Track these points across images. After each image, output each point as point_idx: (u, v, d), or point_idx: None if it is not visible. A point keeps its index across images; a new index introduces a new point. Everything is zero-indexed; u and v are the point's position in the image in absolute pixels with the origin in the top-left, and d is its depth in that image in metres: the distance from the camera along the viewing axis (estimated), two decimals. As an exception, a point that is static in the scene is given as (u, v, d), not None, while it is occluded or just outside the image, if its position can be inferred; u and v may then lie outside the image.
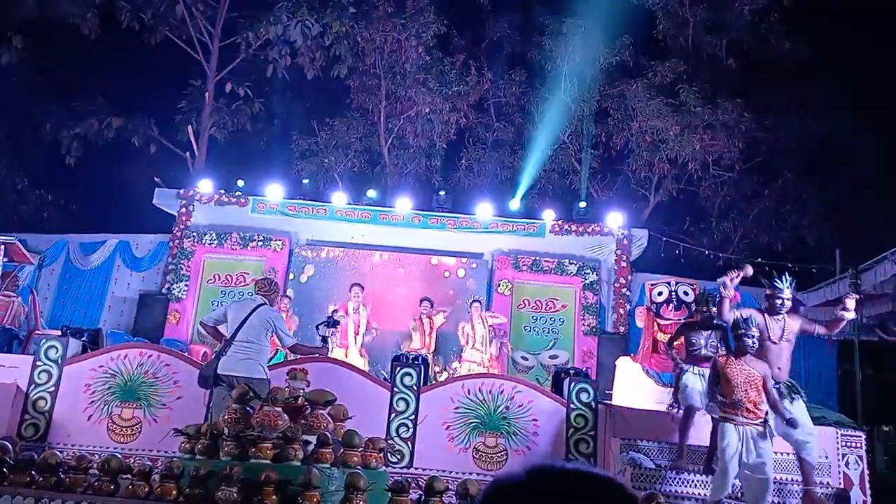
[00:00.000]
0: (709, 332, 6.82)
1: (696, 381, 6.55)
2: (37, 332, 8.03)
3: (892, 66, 13.40)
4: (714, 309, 6.81)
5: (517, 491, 0.96)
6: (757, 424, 5.59)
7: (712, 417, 6.19)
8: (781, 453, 6.43)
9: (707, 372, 6.24)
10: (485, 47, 16.80)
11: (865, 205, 14.11)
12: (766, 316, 6.08)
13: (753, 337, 5.72)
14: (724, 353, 6.22)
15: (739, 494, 5.96)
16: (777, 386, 5.93)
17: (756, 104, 14.24)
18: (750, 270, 6.20)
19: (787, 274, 6.24)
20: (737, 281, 6.07)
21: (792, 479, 6.34)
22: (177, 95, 15.97)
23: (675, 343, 7.11)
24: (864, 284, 9.29)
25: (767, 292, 6.25)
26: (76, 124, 15.36)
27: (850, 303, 5.97)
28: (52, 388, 6.84)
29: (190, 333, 11.57)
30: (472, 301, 10.72)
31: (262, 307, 6.37)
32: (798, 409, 5.98)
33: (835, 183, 14.58)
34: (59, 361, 6.92)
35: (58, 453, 5.08)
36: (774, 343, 6.03)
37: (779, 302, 6.07)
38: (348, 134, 15.73)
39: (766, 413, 5.65)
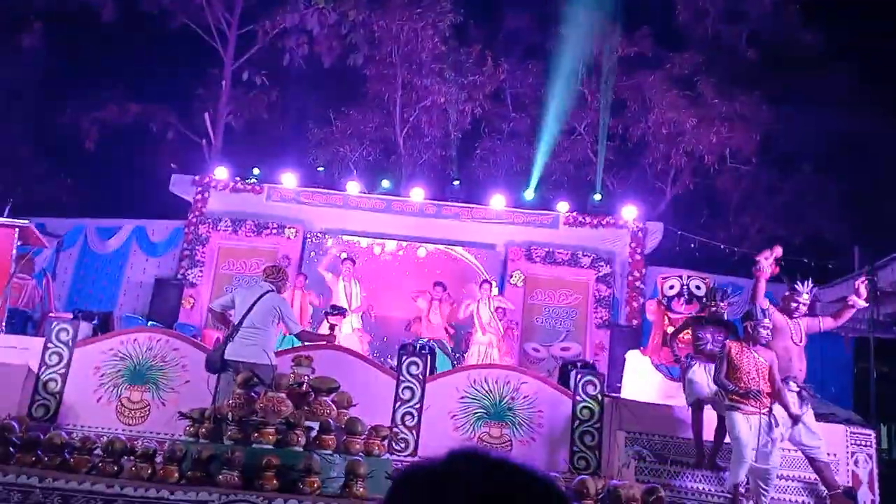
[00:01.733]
0: (715, 328, 6.73)
1: (702, 374, 6.49)
2: (50, 314, 8.13)
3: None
4: (723, 304, 6.74)
5: (433, 476, 0.93)
6: (764, 413, 5.54)
7: (717, 412, 6.15)
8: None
9: (712, 367, 6.17)
10: (502, 37, 16.69)
11: (886, 201, 13.87)
12: (787, 317, 6.00)
13: (768, 329, 5.67)
14: (736, 340, 6.13)
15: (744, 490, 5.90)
16: (802, 387, 5.85)
17: (775, 96, 14.05)
18: (780, 251, 6.12)
19: (810, 279, 6.13)
20: (771, 259, 6.00)
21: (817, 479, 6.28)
22: (194, 83, 16.07)
23: (681, 336, 7.05)
24: (880, 282, 9.12)
25: (786, 293, 6.15)
26: (95, 109, 15.51)
27: (862, 289, 5.88)
28: (63, 370, 6.92)
29: (203, 319, 11.65)
30: (482, 281, 10.65)
31: (269, 293, 6.39)
32: (808, 414, 5.90)
33: (855, 178, 14.35)
34: (70, 344, 7.00)
35: (63, 434, 5.15)
36: (797, 344, 5.95)
37: (794, 305, 6.00)
38: (364, 123, 15.74)
39: (772, 402, 5.60)
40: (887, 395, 12.26)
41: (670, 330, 8.17)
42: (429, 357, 7.35)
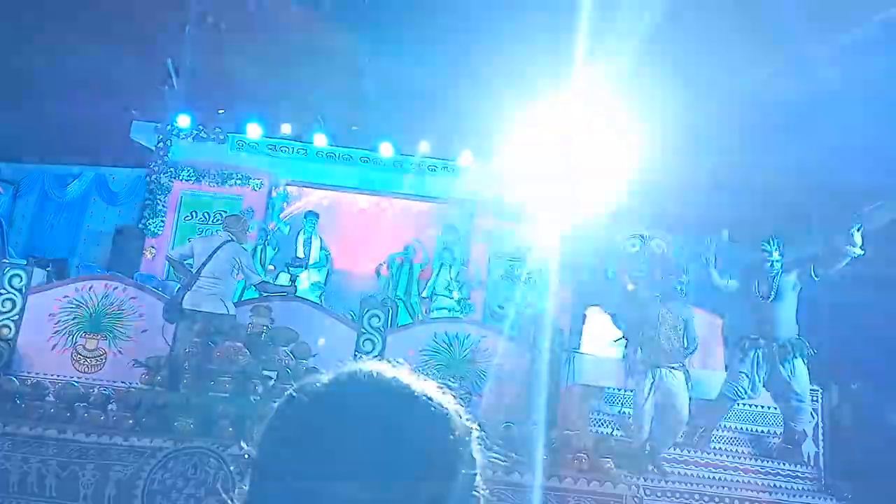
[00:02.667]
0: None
1: None
2: (4, 260, 7.94)
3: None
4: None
5: (316, 392, 0.91)
6: (672, 366, 5.73)
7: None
8: (761, 406, 6.53)
9: None
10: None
11: (844, 169, 14.03)
12: (756, 277, 6.14)
13: (682, 283, 5.84)
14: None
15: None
16: (773, 344, 5.98)
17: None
18: (725, 235, 6.28)
19: (773, 237, 6.26)
20: (713, 249, 6.17)
21: (769, 432, 6.49)
22: (157, 25, 15.51)
23: None
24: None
25: (756, 257, 6.28)
26: (53, 51, 14.92)
27: (857, 237, 6.01)
28: (16, 317, 6.80)
29: (165, 269, 11.49)
30: (443, 249, 10.68)
31: (228, 244, 6.33)
32: (795, 370, 6.01)
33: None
34: (24, 290, 6.87)
35: (14, 379, 5.09)
36: (763, 299, 6.10)
37: (768, 264, 6.13)
38: (335, 72, 15.39)
39: (687, 355, 5.80)
40: (841, 355, 12.60)
41: (630, 287, 8.29)
42: (391, 311, 7.37)
